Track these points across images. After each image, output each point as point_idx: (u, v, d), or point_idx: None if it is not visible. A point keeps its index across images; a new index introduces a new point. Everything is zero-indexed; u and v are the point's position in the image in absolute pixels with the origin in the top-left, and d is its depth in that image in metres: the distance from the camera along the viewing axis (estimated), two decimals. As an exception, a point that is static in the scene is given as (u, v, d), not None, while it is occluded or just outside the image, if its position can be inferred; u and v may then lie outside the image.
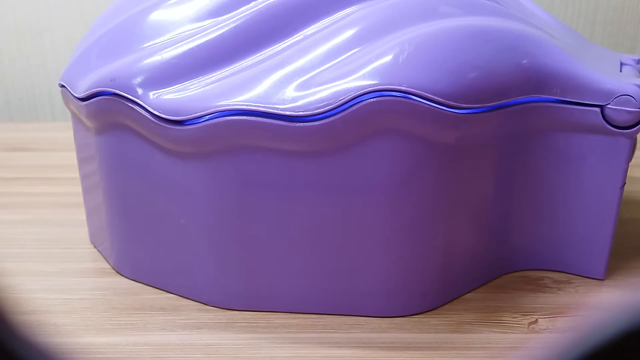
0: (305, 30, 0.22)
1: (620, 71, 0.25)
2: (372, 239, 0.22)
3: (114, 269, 0.26)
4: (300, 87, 0.21)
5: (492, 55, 0.22)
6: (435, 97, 0.20)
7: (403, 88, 0.20)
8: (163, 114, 0.21)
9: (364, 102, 0.20)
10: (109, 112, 0.23)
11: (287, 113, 0.20)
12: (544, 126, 0.23)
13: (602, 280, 0.26)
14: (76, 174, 0.37)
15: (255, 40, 0.22)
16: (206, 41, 0.22)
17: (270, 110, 0.20)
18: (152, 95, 0.22)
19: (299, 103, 0.20)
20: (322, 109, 0.20)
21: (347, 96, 0.20)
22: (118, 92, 0.22)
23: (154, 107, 0.21)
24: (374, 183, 0.21)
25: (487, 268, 0.25)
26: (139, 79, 0.22)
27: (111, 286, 0.25)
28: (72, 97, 0.24)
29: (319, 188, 0.22)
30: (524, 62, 0.22)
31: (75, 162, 0.39)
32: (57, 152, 0.41)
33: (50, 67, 0.50)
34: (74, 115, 0.26)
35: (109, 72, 0.23)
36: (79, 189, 0.34)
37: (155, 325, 0.23)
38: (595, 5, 0.49)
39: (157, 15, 0.24)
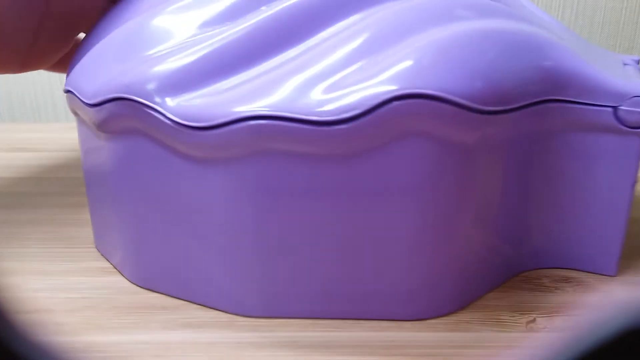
0: (322, 33, 0.22)
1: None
2: (394, 242, 0.22)
3: (125, 277, 0.26)
4: (324, 92, 0.20)
5: (513, 57, 0.21)
6: (460, 100, 0.20)
7: (429, 92, 0.20)
8: (183, 120, 0.21)
9: (390, 106, 0.20)
10: (122, 118, 0.22)
11: (313, 118, 0.20)
12: (559, 127, 0.24)
13: (612, 276, 0.26)
14: (78, 174, 0.37)
15: (273, 43, 0.22)
16: (224, 44, 0.21)
17: (295, 116, 0.20)
18: (170, 101, 0.21)
19: (325, 108, 0.20)
20: (348, 114, 0.20)
21: (375, 101, 0.20)
22: (134, 98, 0.21)
23: (173, 113, 0.21)
24: (397, 186, 0.21)
25: (502, 270, 0.25)
26: (155, 85, 0.21)
27: (113, 285, 0.25)
28: (81, 103, 0.24)
29: (341, 192, 0.21)
30: (545, 63, 0.22)
31: (78, 162, 0.39)
32: (60, 152, 0.41)
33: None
34: (80, 119, 0.26)
35: (123, 78, 0.22)
36: (81, 189, 0.35)
37: (157, 323, 0.23)
38: (594, 6, 0.49)
39: (170, 18, 0.23)
